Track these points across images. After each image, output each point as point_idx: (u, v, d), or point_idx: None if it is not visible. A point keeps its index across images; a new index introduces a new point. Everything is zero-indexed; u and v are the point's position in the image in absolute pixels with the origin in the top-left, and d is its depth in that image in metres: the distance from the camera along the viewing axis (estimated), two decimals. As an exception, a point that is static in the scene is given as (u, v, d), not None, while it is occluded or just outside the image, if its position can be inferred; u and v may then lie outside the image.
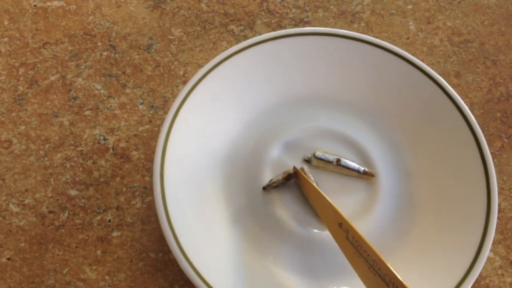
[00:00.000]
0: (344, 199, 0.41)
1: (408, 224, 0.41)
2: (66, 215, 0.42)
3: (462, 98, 0.42)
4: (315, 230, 0.39)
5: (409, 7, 0.51)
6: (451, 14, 0.51)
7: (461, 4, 0.52)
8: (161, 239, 0.41)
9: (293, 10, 0.51)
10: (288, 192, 0.40)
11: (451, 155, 0.42)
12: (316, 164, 0.41)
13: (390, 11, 0.51)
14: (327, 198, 0.37)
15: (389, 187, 0.42)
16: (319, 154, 0.41)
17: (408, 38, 0.50)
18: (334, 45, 0.44)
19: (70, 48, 0.48)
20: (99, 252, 0.41)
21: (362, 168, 0.41)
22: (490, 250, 0.39)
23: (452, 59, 0.49)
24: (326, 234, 0.39)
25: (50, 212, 0.42)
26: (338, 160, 0.41)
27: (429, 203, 0.41)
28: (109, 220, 0.42)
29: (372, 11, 0.51)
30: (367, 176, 0.41)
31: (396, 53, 0.43)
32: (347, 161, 0.41)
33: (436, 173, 0.42)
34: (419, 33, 0.50)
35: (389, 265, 0.31)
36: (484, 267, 0.39)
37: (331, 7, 0.51)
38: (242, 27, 0.50)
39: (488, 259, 0.42)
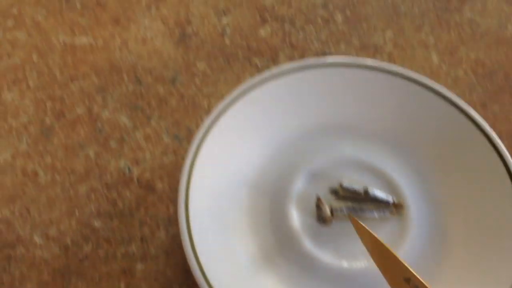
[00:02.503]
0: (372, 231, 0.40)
1: (441, 256, 0.39)
2: (90, 246, 0.41)
3: (489, 129, 0.41)
4: (346, 265, 0.38)
5: (431, 39, 0.51)
6: (474, 46, 0.51)
7: (483, 37, 0.52)
8: (186, 271, 0.41)
9: (316, 43, 0.51)
10: (319, 226, 0.40)
11: (482, 186, 0.41)
12: (343, 194, 0.40)
13: (412, 44, 0.51)
14: (391, 250, 0.35)
15: (419, 218, 0.41)
16: (346, 184, 0.40)
17: (431, 70, 0.50)
18: (357, 75, 0.44)
19: (97, 82, 0.48)
20: (122, 285, 0.40)
21: (391, 199, 0.40)
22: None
23: (477, 91, 0.49)
24: (363, 267, 0.38)
25: (74, 243, 0.41)
26: (366, 190, 0.40)
27: (462, 234, 0.40)
28: (133, 252, 0.41)
29: (395, 44, 0.51)
30: (397, 209, 0.40)
31: (420, 82, 0.43)
32: (375, 190, 0.40)
33: (468, 204, 0.41)
34: (443, 65, 0.50)
35: None
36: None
37: (353, 40, 0.51)
38: (265, 61, 0.50)
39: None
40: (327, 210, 0.39)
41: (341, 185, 0.40)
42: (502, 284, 0.36)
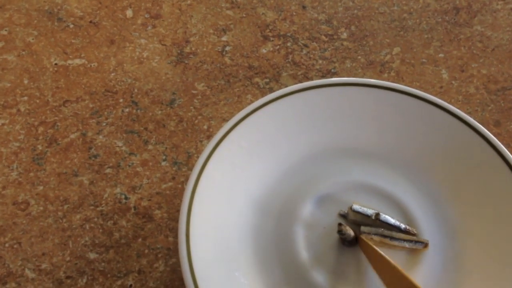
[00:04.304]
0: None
1: (456, 284, 0.37)
2: (84, 280, 0.39)
3: (504, 148, 0.39)
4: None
5: (441, 55, 0.49)
6: (485, 61, 0.49)
7: (494, 51, 0.50)
8: (187, 305, 0.38)
9: (320, 61, 0.49)
10: (331, 255, 0.37)
11: (498, 209, 0.38)
12: (353, 218, 0.38)
13: (421, 60, 0.49)
14: (399, 268, 0.33)
15: (433, 245, 0.38)
16: (356, 207, 0.38)
17: (441, 87, 0.48)
18: (365, 95, 0.42)
19: (91, 105, 0.46)
20: (119, 321, 0.38)
21: (402, 225, 0.38)
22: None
23: (490, 108, 0.47)
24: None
25: (67, 277, 0.39)
26: (377, 214, 0.37)
27: (478, 261, 0.38)
28: (130, 285, 0.39)
29: (402, 60, 0.49)
30: (418, 248, 0.37)
31: (430, 101, 0.41)
32: (386, 216, 0.38)
33: (483, 228, 0.38)
34: (453, 82, 0.48)
35: None
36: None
37: (359, 57, 0.49)
38: (267, 80, 0.48)
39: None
40: (350, 232, 0.36)
41: (351, 208, 0.38)
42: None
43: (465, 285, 0.37)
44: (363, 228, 0.37)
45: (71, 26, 0.51)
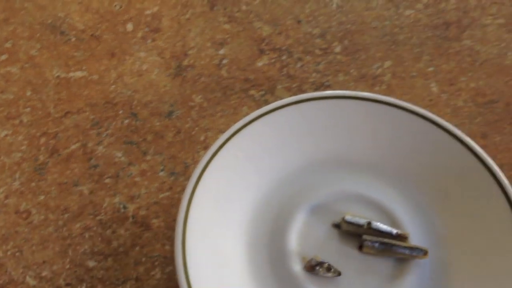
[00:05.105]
0: (371, 269, 0.39)
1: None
2: (84, 287, 0.40)
3: (491, 160, 0.40)
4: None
5: (431, 69, 0.51)
6: (474, 75, 0.50)
7: (483, 65, 0.51)
8: (182, 312, 0.39)
9: (314, 74, 0.50)
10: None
11: (484, 219, 0.39)
12: (347, 228, 0.39)
13: (411, 73, 0.50)
14: None
15: (420, 254, 0.40)
16: (349, 218, 0.39)
17: (431, 100, 0.49)
18: (356, 108, 0.43)
19: (91, 116, 0.48)
20: (117, 326, 0.39)
21: (394, 231, 0.39)
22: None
23: (477, 120, 0.48)
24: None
25: (67, 284, 0.40)
26: (369, 223, 0.39)
27: (465, 270, 0.39)
28: (128, 292, 0.40)
29: (393, 74, 0.50)
30: (418, 255, 0.39)
31: (419, 114, 0.42)
32: (378, 224, 0.39)
33: (470, 238, 0.40)
34: (442, 95, 0.49)
35: None
36: None
37: (351, 70, 0.51)
38: (262, 92, 0.49)
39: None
40: (327, 273, 0.38)
41: (343, 220, 0.39)
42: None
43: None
44: (365, 237, 0.39)
45: (73, 39, 0.52)
